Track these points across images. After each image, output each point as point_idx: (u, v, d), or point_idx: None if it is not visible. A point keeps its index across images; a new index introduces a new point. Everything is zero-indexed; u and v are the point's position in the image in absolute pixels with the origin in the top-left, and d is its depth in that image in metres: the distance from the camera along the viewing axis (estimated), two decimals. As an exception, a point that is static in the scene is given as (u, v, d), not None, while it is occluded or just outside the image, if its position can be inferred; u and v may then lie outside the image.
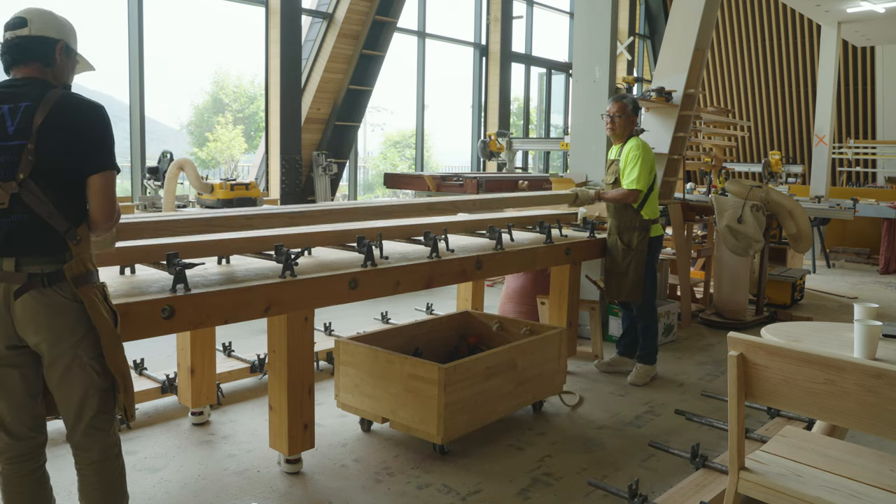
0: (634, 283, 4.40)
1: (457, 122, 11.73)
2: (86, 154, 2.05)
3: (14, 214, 1.98)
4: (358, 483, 3.04)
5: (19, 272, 1.99)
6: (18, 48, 2.10)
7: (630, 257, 4.39)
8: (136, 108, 7.12)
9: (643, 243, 4.40)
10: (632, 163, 4.29)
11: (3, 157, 1.98)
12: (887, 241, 9.16)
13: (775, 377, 2.12)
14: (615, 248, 4.45)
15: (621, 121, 4.38)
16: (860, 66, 13.22)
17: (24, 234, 1.99)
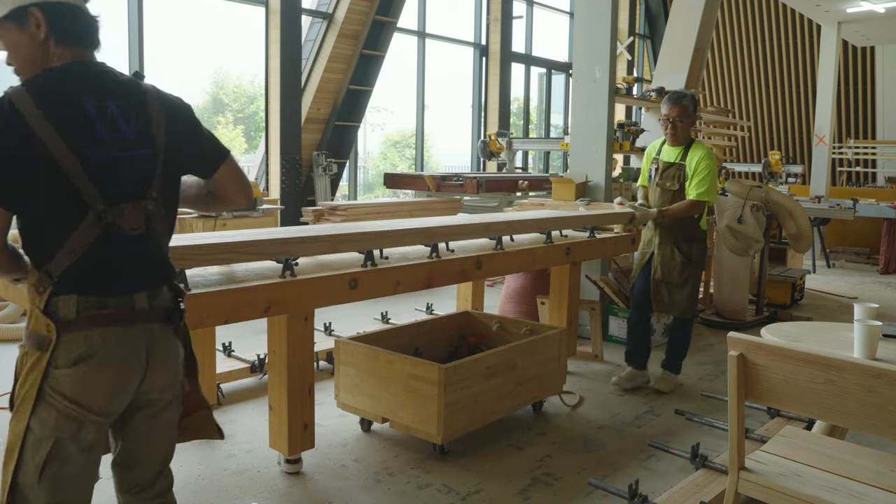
0: (690, 297, 4.19)
1: (457, 122, 11.68)
2: (203, 151, 1.81)
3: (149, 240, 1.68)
4: (358, 483, 3.04)
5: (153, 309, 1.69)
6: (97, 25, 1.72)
7: (689, 270, 4.16)
8: (136, 108, 7.10)
9: (701, 255, 4.23)
10: (703, 172, 4.03)
11: (129, 169, 1.62)
12: (887, 241, 9.16)
13: (775, 377, 2.12)
14: (670, 261, 4.16)
15: (684, 125, 4.11)
16: (860, 66, 13.22)
17: (152, 261, 1.71)
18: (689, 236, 4.17)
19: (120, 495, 1.96)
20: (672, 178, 4.16)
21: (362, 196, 13.10)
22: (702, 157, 4.05)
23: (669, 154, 4.20)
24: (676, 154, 4.16)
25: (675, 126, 4.11)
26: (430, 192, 8.11)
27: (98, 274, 1.60)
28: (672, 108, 4.09)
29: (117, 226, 1.59)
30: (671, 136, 4.14)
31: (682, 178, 4.11)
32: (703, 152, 4.07)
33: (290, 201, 8.19)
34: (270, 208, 6.69)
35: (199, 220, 6.12)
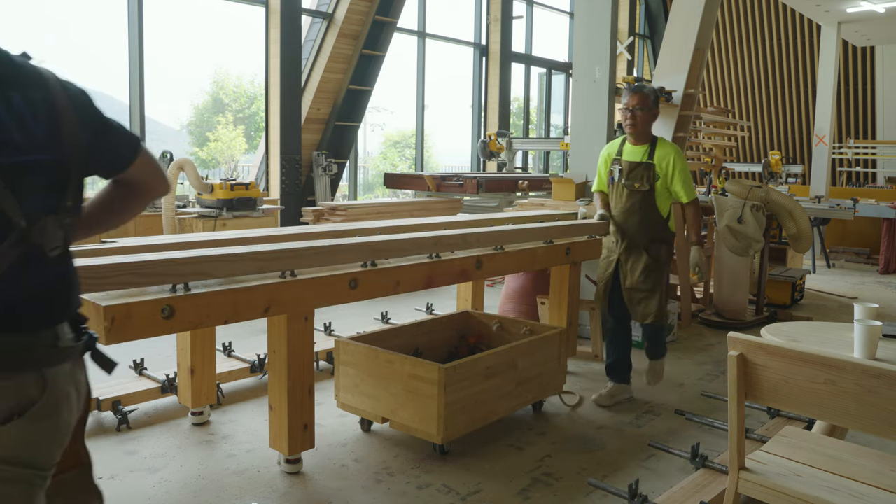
0: (662, 301, 3.94)
1: (457, 122, 11.69)
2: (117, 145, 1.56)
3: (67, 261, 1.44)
4: (358, 483, 3.04)
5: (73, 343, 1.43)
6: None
7: (658, 273, 3.92)
8: (136, 108, 7.12)
9: (668, 257, 4.02)
10: (682, 171, 3.84)
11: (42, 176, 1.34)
12: (887, 241, 9.16)
13: (775, 377, 2.12)
14: (637, 265, 3.91)
15: (643, 115, 3.85)
16: (860, 66, 13.22)
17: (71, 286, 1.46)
18: (659, 237, 3.93)
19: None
20: (641, 178, 3.90)
21: (362, 196, 13.10)
22: (674, 155, 3.85)
23: (634, 153, 3.95)
24: (642, 153, 3.92)
25: (635, 116, 3.84)
26: (430, 192, 8.12)
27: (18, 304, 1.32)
28: (632, 96, 3.85)
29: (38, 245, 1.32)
30: (630, 127, 3.87)
31: (653, 178, 3.86)
32: (673, 150, 3.88)
33: (290, 201, 8.20)
34: (270, 208, 6.69)
35: (200, 220, 6.12)
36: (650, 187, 3.87)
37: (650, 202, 3.89)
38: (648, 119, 3.89)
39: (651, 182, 3.87)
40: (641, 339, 4.39)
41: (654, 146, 3.89)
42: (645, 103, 3.84)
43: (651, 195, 3.89)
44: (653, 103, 3.88)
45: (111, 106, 27.76)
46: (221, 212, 6.22)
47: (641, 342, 4.44)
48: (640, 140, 3.92)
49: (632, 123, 3.87)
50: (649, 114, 3.89)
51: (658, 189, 3.86)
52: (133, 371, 4.06)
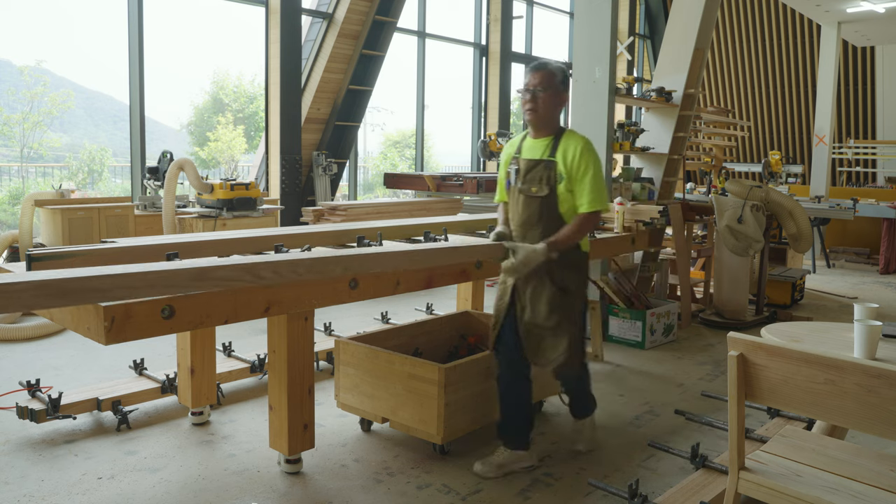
0: (575, 342, 3.07)
1: (457, 122, 11.66)
2: None
3: None
4: (358, 483, 3.04)
5: None
6: None
7: (567, 307, 3.06)
8: (136, 108, 7.12)
9: (582, 285, 3.18)
10: (588, 170, 2.96)
11: None
12: (887, 241, 9.16)
13: (775, 377, 2.12)
14: (539, 296, 3.05)
15: (546, 97, 3.02)
16: (860, 66, 13.23)
17: None
18: (566, 260, 3.04)
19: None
20: (539, 181, 3.02)
21: (362, 196, 13.10)
22: (580, 150, 2.97)
23: (534, 148, 3.09)
24: (543, 147, 3.06)
25: (536, 98, 3.02)
26: (430, 192, 8.12)
27: None
28: (533, 74, 3.04)
29: None
30: (530, 112, 3.04)
31: (554, 180, 3.00)
32: (580, 143, 3.00)
33: (290, 201, 8.20)
34: (270, 208, 6.70)
35: (200, 220, 6.12)
36: (550, 191, 3.00)
37: (552, 212, 3.02)
38: (553, 104, 3.05)
39: (552, 185, 3.00)
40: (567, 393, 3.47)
41: (558, 139, 3.04)
42: (549, 83, 3.01)
43: (552, 202, 3.01)
44: (559, 84, 3.05)
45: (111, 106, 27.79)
46: (221, 212, 6.22)
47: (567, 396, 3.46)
48: (541, 131, 3.09)
49: (531, 108, 3.03)
50: (555, 97, 3.04)
51: (562, 194, 2.99)
52: (133, 371, 4.06)
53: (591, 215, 3.00)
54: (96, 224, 5.96)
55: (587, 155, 2.98)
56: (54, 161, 16.75)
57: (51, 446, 3.31)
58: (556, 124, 3.10)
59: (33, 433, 3.44)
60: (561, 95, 3.07)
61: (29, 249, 2.62)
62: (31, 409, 3.42)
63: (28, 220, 5.78)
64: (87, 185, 15.55)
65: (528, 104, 3.04)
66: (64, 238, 5.77)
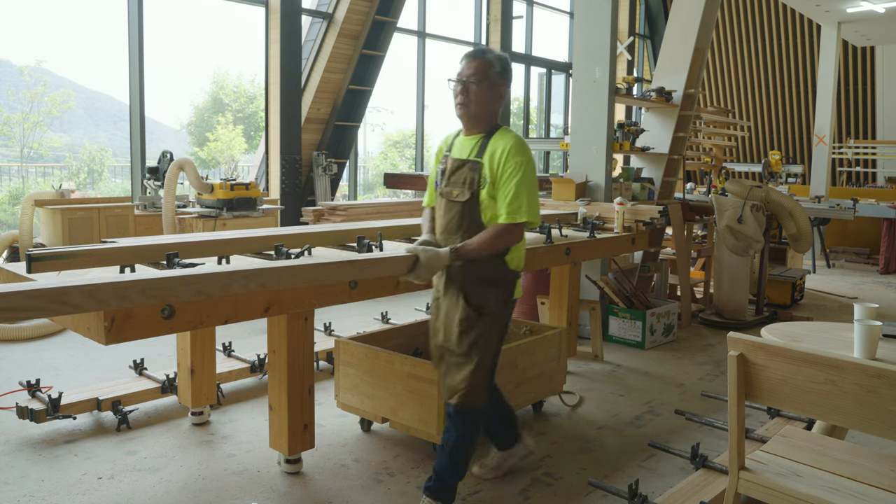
0: (474, 374, 2.61)
1: (457, 122, 11.62)
2: None
3: None
4: (358, 483, 3.04)
5: None
6: None
7: (480, 331, 2.62)
8: (136, 108, 7.12)
9: (503, 307, 2.70)
10: (515, 175, 2.56)
11: None
12: (887, 241, 9.16)
13: (775, 377, 2.12)
14: (453, 315, 2.66)
15: (480, 90, 2.62)
16: (860, 66, 13.23)
17: None
18: (487, 276, 2.66)
19: None
20: (462, 184, 2.65)
21: (362, 196, 13.10)
22: (509, 151, 2.58)
23: (463, 147, 2.72)
24: (472, 146, 2.68)
25: (468, 90, 2.63)
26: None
27: None
28: (467, 63, 2.64)
29: None
30: (461, 107, 2.66)
31: (477, 183, 2.62)
32: (509, 142, 2.60)
33: (290, 201, 8.20)
34: (270, 208, 6.70)
35: (200, 220, 6.12)
36: (471, 196, 2.63)
37: (474, 220, 2.64)
38: (488, 98, 2.65)
39: (474, 189, 2.62)
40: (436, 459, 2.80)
41: (489, 137, 2.66)
42: (484, 73, 2.62)
43: (474, 209, 2.63)
44: (497, 76, 2.65)
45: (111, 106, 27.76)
46: (221, 212, 6.22)
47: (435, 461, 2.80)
48: (473, 128, 2.71)
49: (462, 102, 2.65)
50: (490, 90, 2.65)
51: (484, 200, 2.61)
52: (133, 371, 4.06)
53: (510, 228, 2.57)
54: (96, 224, 5.96)
55: (516, 157, 2.57)
56: (54, 161, 16.76)
57: (51, 446, 3.31)
58: (491, 121, 2.71)
59: (33, 433, 3.44)
60: (497, 88, 2.66)
61: (29, 249, 2.62)
62: (31, 409, 3.42)
63: (28, 220, 5.78)
64: (87, 185, 15.56)
65: (458, 97, 2.65)
66: (64, 238, 5.77)
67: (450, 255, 2.58)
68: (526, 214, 2.58)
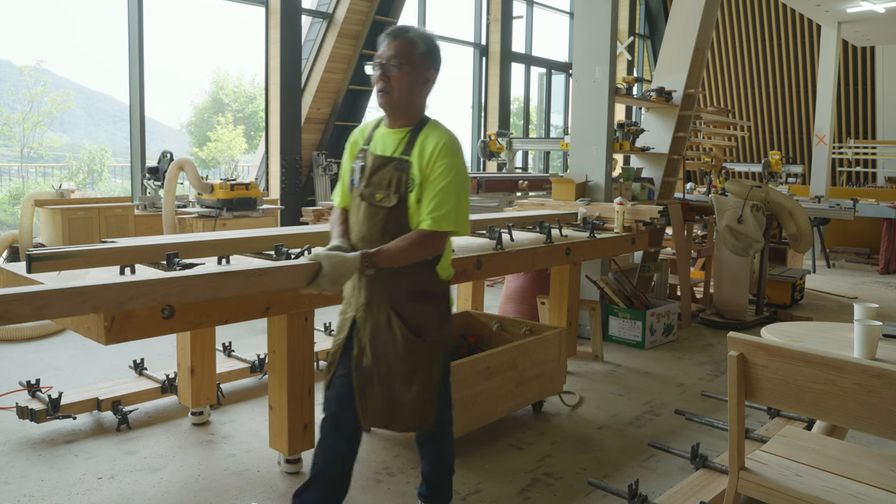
0: (426, 400, 2.34)
1: (457, 122, 11.65)
2: None
3: None
4: (358, 483, 3.04)
5: None
6: None
7: (420, 354, 2.31)
8: (136, 108, 7.13)
9: (443, 324, 2.38)
10: (444, 177, 2.22)
11: None
12: (887, 241, 9.16)
13: (775, 377, 2.12)
14: (386, 337, 2.30)
15: (402, 75, 2.24)
16: (860, 66, 13.23)
17: None
18: (419, 291, 2.33)
19: None
20: (387, 187, 2.28)
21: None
22: (440, 149, 2.23)
23: (386, 141, 2.34)
24: (397, 141, 2.31)
25: (388, 75, 2.24)
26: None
27: None
28: (388, 44, 2.26)
29: None
30: (382, 95, 2.27)
31: (405, 186, 2.25)
32: (442, 139, 2.25)
33: (290, 201, 8.20)
34: (270, 208, 6.70)
35: (200, 220, 6.12)
36: (399, 201, 2.26)
37: (400, 229, 2.27)
38: (413, 84, 2.27)
39: (402, 192, 2.26)
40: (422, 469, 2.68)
41: (417, 132, 2.30)
42: (407, 56, 2.24)
43: (401, 216, 2.27)
44: (421, 58, 2.27)
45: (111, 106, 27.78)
46: (221, 212, 6.22)
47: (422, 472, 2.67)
48: (398, 120, 2.33)
49: (382, 89, 2.26)
50: (414, 74, 2.26)
51: (412, 206, 2.26)
52: (133, 371, 4.06)
53: (433, 236, 2.22)
54: (96, 224, 5.97)
55: (448, 157, 2.22)
56: (54, 161, 16.76)
57: (51, 446, 3.31)
58: (418, 112, 2.33)
59: (33, 433, 3.44)
60: (423, 73, 2.28)
61: (29, 249, 2.62)
62: (31, 409, 3.42)
63: (28, 220, 5.78)
64: (87, 185, 15.56)
65: (378, 83, 2.26)
66: (64, 238, 5.77)
67: (360, 261, 2.17)
68: (453, 223, 2.24)
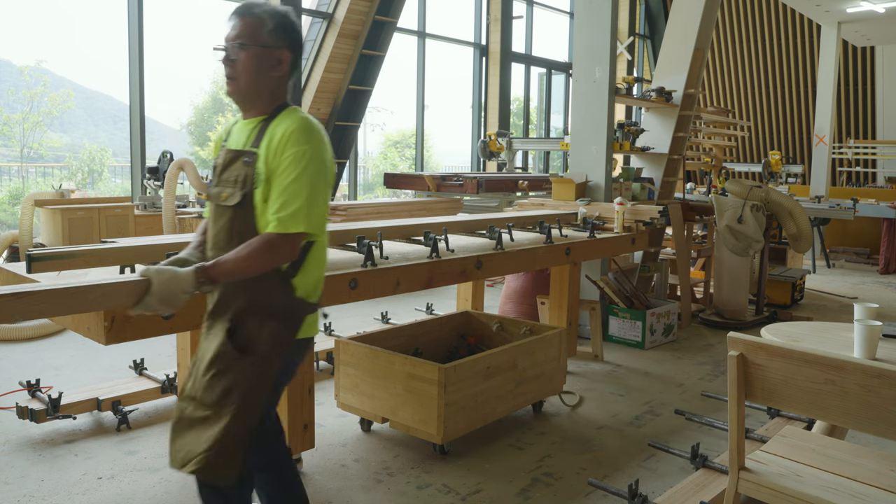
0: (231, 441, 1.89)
1: (457, 122, 11.68)
2: None
3: None
4: (358, 483, 3.04)
5: None
6: None
7: (236, 376, 1.93)
8: (136, 108, 7.12)
9: (279, 348, 1.97)
10: (293, 169, 1.90)
11: None
12: (887, 241, 9.16)
13: (775, 377, 2.12)
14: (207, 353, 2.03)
15: (249, 58, 1.96)
16: (860, 66, 13.23)
17: None
18: (264, 306, 1.97)
19: None
20: (234, 184, 1.98)
21: (362, 196, 13.10)
22: (289, 136, 1.91)
23: (240, 134, 2.06)
24: (248, 133, 2.03)
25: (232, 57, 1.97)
26: (430, 192, 8.12)
27: None
28: (233, 24, 2.00)
29: None
30: (229, 83, 2.02)
31: (250, 183, 1.94)
32: (293, 125, 1.93)
33: (290, 201, 8.19)
34: (270, 208, 6.69)
35: (200, 221, 6.12)
36: (242, 198, 1.95)
37: (248, 231, 1.96)
38: (262, 66, 1.98)
39: (246, 189, 1.95)
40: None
41: (270, 121, 2.00)
42: (253, 36, 1.96)
43: (247, 216, 1.96)
44: (270, 36, 1.98)
45: (111, 106, 27.82)
46: (221, 212, 6.21)
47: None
48: (250, 109, 2.06)
49: (229, 75, 2.00)
50: (263, 57, 1.98)
51: (259, 206, 1.95)
52: (133, 371, 4.06)
53: (279, 239, 1.88)
54: (96, 224, 5.96)
55: (299, 144, 1.90)
56: (54, 161, 16.76)
57: (51, 446, 3.31)
58: (273, 99, 2.03)
59: (33, 433, 3.44)
60: (273, 54, 1.98)
61: (29, 249, 2.62)
62: (31, 409, 3.42)
63: (28, 220, 5.78)
64: (87, 185, 15.56)
65: (225, 69, 2.01)
66: (64, 238, 5.77)
67: (194, 277, 1.85)
68: (303, 223, 1.89)
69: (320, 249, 2.05)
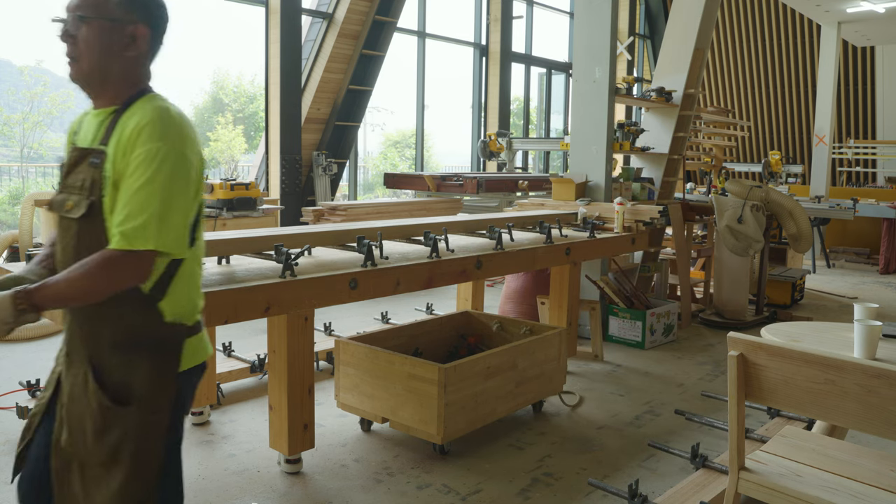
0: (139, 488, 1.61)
1: (457, 122, 11.69)
2: None
3: None
4: (358, 483, 3.04)
5: None
6: None
7: (124, 428, 1.60)
8: (136, 108, 7.11)
9: (162, 387, 1.65)
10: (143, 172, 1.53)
11: None
12: (887, 241, 9.16)
13: (775, 377, 2.12)
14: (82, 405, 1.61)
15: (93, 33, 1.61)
16: (860, 66, 13.23)
17: None
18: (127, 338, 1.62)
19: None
20: (79, 190, 1.62)
21: (362, 196, 13.11)
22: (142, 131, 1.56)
23: (89, 128, 1.68)
24: (97, 127, 1.66)
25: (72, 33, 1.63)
26: (430, 192, 8.12)
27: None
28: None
29: None
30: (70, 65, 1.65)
31: (99, 188, 1.59)
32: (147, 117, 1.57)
33: (290, 201, 8.20)
34: (270, 208, 6.69)
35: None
36: (89, 210, 1.59)
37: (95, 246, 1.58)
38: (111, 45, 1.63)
39: (94, 198, 1.59)
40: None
41: (123, 111, 1.63)
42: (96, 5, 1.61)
43: (96, 230, 1.60)
44: (119, 8, 1.61)
45: (111, 106, 27.50)
46: (221, 212, 6.22)
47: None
48: (99, 97, 1.68)
49: (69, 54, 1.65)
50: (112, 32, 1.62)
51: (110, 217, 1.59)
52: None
53: (122, 257, 1.53)
54: (96, 224, 5.96)
55: (150, 142, 1.55)
56: (54, 161, 16.76)
57: (51, 446, 3.31)
58: (126, 85, 1.66)
59: (33, 433, 3.44)
60: (125, 28, 1.63)
61: (29, 249, 2.62)
62: (31, 409, 3.42)
63: (28, 220, 5.78)
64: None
65: (70, 52, 1.65)
66: (64, 238, 5.76)
67: (11, 303, 1.51)
68: (152, 238, 1.53)
69: (192, 264, 1.69)
